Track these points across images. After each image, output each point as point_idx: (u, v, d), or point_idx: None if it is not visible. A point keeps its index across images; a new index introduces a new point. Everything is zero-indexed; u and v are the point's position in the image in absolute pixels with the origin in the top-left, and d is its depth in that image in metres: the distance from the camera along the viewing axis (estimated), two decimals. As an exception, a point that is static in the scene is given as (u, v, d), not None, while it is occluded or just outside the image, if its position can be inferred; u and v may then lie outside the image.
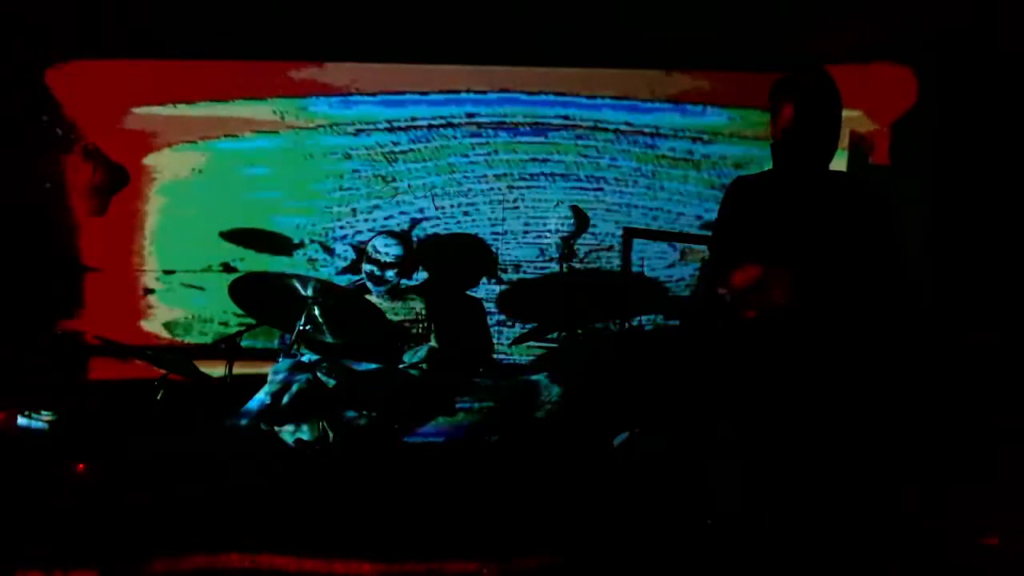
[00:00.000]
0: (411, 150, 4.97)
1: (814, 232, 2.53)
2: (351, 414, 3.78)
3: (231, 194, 4.93)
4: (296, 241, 4.94)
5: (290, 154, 4.94)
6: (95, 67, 4.85)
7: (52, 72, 4.81)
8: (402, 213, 4.96)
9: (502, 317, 4.87)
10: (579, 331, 4.14)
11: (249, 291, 4.01)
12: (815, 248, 2.54)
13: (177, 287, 4.93)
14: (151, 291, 4.92)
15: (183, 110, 4.90)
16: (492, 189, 4.99)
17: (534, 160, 4.98)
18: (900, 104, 4.52)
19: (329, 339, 4.06)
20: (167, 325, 4.92)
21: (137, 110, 4.89)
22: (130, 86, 4.88)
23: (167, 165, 4.92)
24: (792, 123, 2.58)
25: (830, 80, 2.61)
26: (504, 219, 4.98)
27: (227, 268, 4.87)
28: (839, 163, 2.96)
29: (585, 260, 4.97)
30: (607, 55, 4.81)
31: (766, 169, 2.77)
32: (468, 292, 4.97)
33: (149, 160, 4.92)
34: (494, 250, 4.99)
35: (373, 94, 4.95)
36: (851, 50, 4.32)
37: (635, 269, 4.98)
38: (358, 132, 4.93)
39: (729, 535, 2.69)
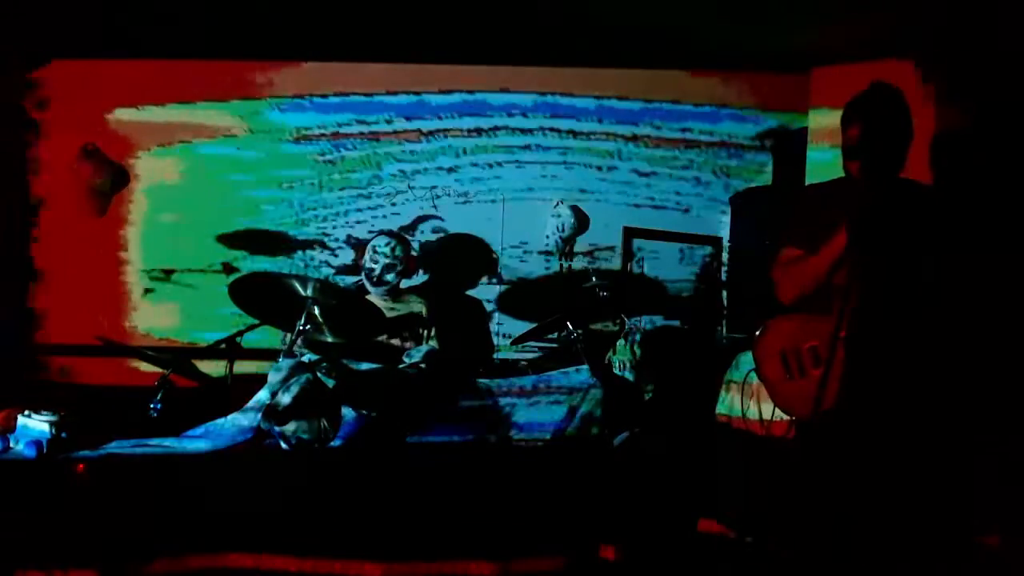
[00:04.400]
0: (410, 151, 4.99)
1: (878, 239, 2.60)
2: (351, 414, 3.79)
3: (230, 194, 4.94)
4: (296, 241, 4.95)
5: (296, 153, 4.96)
6: (86, 66, 4.85)
7: (42, 71, 4.84)
8: (401, 214, 4.98)
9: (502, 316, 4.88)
10: (579, 331, 4.13)
11: (249, 291, 4.01)
12: (886, 256, 2.64)
13: (177, 287, 4.93)
14: (150, 291, 4.92)
15: (177, 110, 4.92)
16: (492, 189, 4.99)
17: (535, 159, 4.99)
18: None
19: (329, 339, 4.06)
20: (167, 325, 4.92)
21: (129, 109, 4.90)
22: (120, 85, 4.89)
23: (171, 164, 4.94)
24: (858, 142, 2.72)
25: (898, 98, 2.75)
26: (504, 219, 4.99)
27: (227, 268, 4.87)
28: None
29: (585, 260, 4.98)
30: (607, 55, 4.81)
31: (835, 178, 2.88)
32: (468, 293, 4.97)
33: (150, 158, 4.93)
34: (494, 251, 4.99)
35: (368, 94, 4.97)
36: (849, 50, 4.33)
37: (635, 269, 5.00)
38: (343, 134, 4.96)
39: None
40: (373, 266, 4.37)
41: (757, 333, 2.90)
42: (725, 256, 4.98)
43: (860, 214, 2.61)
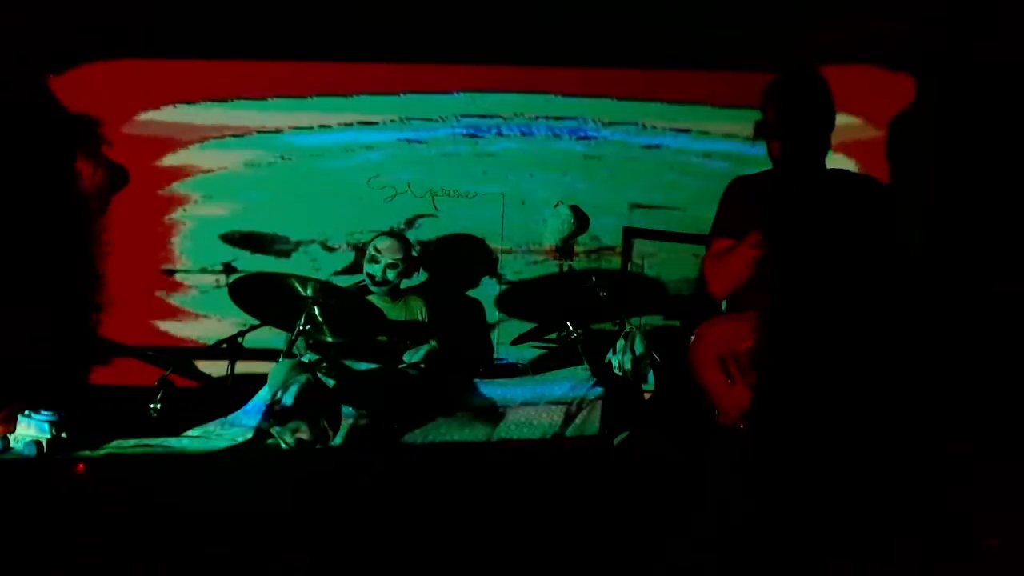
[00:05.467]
0: (411, 150, 4.99)
1: (809, 229, 2.54)
2: (351, 414, 3.79)
3: (234, 194, 4.95)
4: (296, 241, 4.95)
5: (292, 153, 4.96)
6: (107, 68, 4.82)
7: (68, 74, 4.81)
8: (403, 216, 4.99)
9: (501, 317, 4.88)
10: (578, 331, 4.14)
11: (249, 291, 4.01)
12: (810, 245, 2.55)
13: (177, 286, 4.93)
14: (150, 290, 4.93)
15: (198, 111, 4.92)
16: (492, 189, 4.99)
17: (533, 159, 5.00)
18: (898, 105, 4.52)
19: (329, 339, 4.07)
20: (167, 325, 4.93)
21: (151, 112, 4.90)
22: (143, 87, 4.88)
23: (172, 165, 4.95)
24: (779, 124, 2.64)
25: (817, 80, 2.67)
26: (504, 219, 4.99)
27: (228, 268, 4.88)
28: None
29: (584, 260, 4.99)
30: (605, 55, 4.81)
31: (765, 169, 2.80)
32: (468, 293, 4.97)
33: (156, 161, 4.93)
34: (494, 251, 4.99)
35: (370, 93, 4.97)
36: (848, 50, 4.33)
37: (635, 269, 5.00)
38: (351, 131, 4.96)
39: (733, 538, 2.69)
40: (374, 266, 4.38)
41: (691, 339, 2.77)
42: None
43: (777, 202, 2.55)
